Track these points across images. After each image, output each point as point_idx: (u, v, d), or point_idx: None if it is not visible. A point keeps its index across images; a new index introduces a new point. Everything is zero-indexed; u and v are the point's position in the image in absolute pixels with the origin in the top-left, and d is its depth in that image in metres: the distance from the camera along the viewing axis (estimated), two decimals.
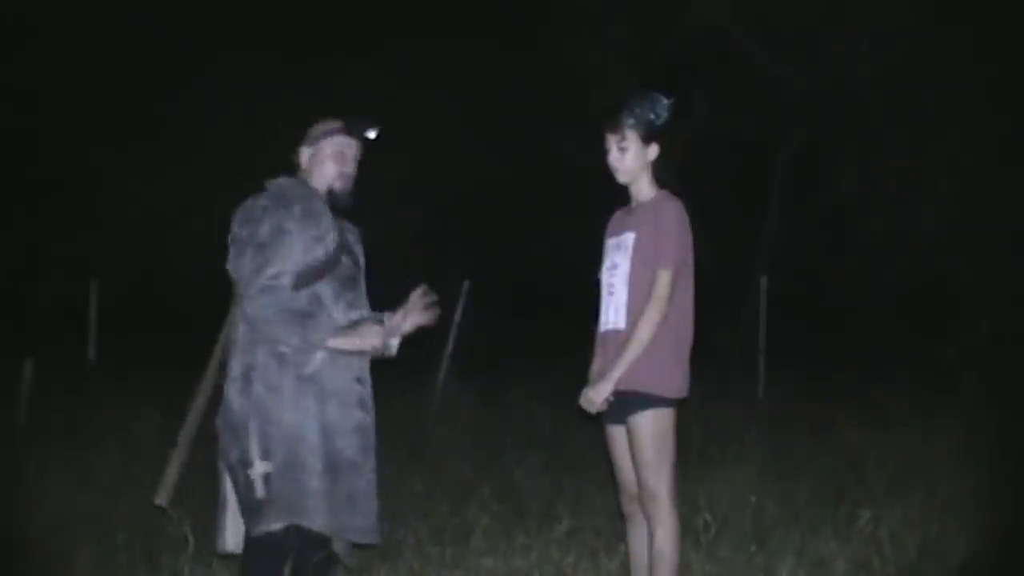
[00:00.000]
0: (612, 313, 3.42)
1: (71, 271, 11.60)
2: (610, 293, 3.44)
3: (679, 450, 3.43)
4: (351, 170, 3.41)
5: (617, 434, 3.44)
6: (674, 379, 3.36)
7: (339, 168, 3.37)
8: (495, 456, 6.24)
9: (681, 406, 3.41)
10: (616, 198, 3.56)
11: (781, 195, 14.24)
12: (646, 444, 3.31)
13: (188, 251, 3.32)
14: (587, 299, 3.63)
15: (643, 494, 3.34)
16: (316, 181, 3.37)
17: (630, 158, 3.42)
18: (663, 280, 3.30)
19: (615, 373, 3.30)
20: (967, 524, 4.46)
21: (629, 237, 3.40)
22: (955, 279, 11.27)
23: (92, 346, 9.44)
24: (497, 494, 5.11)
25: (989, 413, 6.70)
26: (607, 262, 3.49)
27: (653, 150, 3.43)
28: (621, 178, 3.47)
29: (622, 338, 3.34)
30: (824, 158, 13.25)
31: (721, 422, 6.75)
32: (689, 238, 3.38)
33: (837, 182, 12.65)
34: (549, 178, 14.56)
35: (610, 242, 3.51)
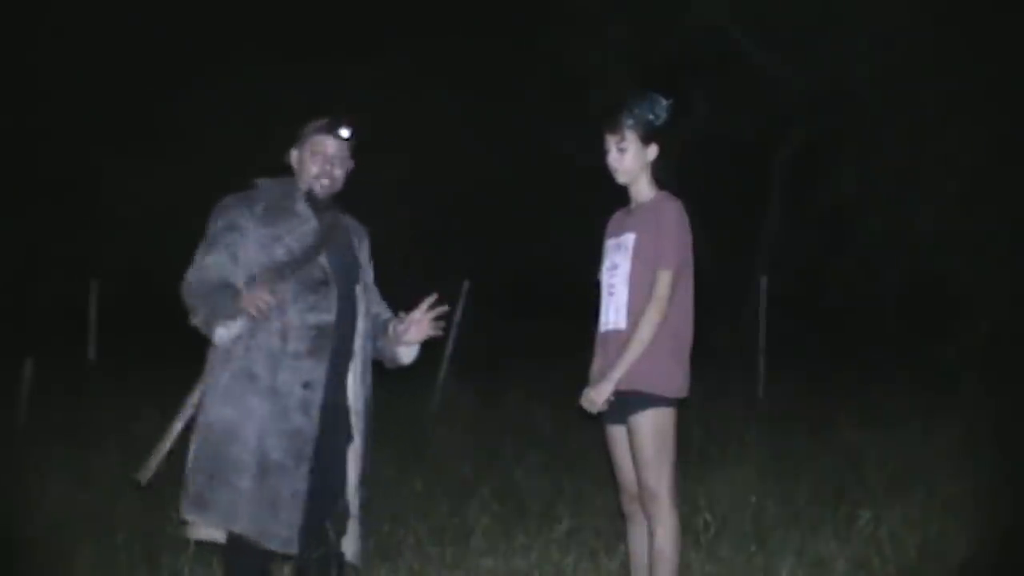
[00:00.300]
0: (612, 313, 3.42)
1: (71, 271, 11.60)
2: (610, 293, 3.44)
3: (679, 450, 3.43)
4: (336, 170, 3.37)
5: (617, 434, 3.44)
6: (674, 379, 3.36)
7: (320, 168, 3.35)
8: (495, 456, 6.24)
9: (681, 406, 3.42)
10: (616, 198, 3.56)
11: (781, 195, 14.24)
12: (646, 444, 3.31)
13: (188, 251, 3.33)
14: (587, 299, 3.64)
15: (643, 494, 3.34)
16: (301, 181, 3.38)
17: (629, 159, 3.43)
18: (663, 280, 3.31)
19: (616, 373, 3.31)
20: (967, 524, 4.46)
21: (629, 238, 3.41)
22: (955, 279, 11.26)
23: (92, 346, 9.46)
24: (497, 494, 5.11)
25: (989, 413, 6.70)
26: (607, 262, 3.50)
27: (652, 150, 3.44)
28: (620, 179, 3.47)
29: (623, 338, 3.34)
30: (823, 158, 13.24)
31: (721, 422, 6.75)
32: (689, 238, 3.39)
33: (836, 182, 12.64)
34: (549, 178, 14.56)
35: (610, 243, 3.51)
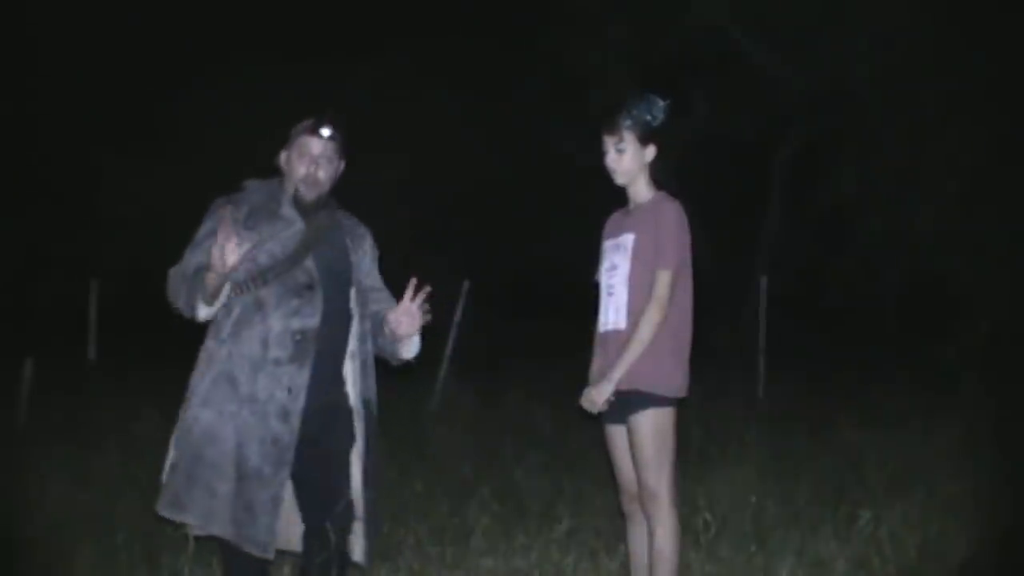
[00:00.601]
0: (612, 313, 3.43)
1: (71, 271, 11.61)
2: (609, 294, 3.45)
3: (679, 450, 3.44)
4: (320, 171, 3.33)
5: (617, 434, 3.44)
6: (674, 378, 3.36)
7: (306, 169, 3.32)
8: (495, 456, 6.24)
9: (681, 406, 3.42)
10: (616, 198, 3.56)
11: (781, 195, 14.25)
12: (646, 443, 3.31)
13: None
14: (587, 299, 3.64)
15: (643, 493, 3.35)
16: (289, 183, 3.36)
17: (627, 159, 3.43)
18: (663, 280, 3.31)
19: (616, 373, 3.31)
20: (967, 524, 4.46)
21: (628, 238, 3.41)
22: (955, 279, 11.26)
23: (92, 346, 9.46)
24: (497, 494, 5.11)
25: (989, 413, 6.70)
26: (606, 263, 3.50)
27: (650, 151, 3.44)
28: (619, 179, 3.48)
29: (623, 338, 3.35)
30: (823, 158, 13.25)
31: (721, 422, 6.75)
32: (688, 239, 3.39)
33: (836, 182, 12.65)
34: (549, 178, 14.56)
35: (608, 243, 3.52)
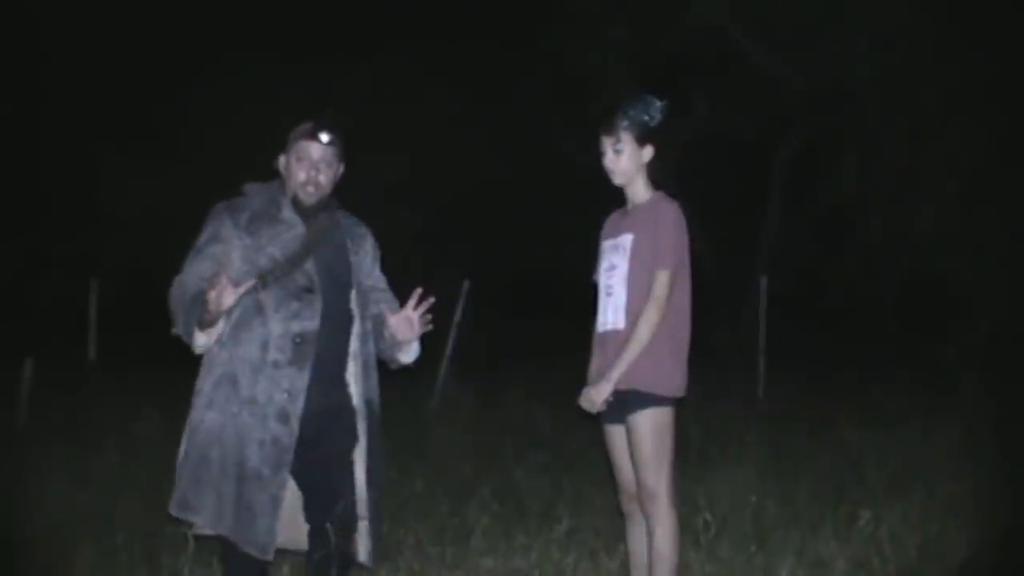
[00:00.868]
0: (611, 313, 3.43)
1: (71, 271, 11.62)
2: (608, 294, 3.45)
3: (679, 450, 3.44)
4: (320, 175, 3.33)
5: (616, 433, 3.45)
6: (673, 378, 3.37)
7: (306, 174, 3.32)
8: (495, 456, 6.23)
9: (681, 406, 3.42)
10: (616, 198, 3.57)
11: (781, 195, 14.25)
12: (645, 443, 3.32)
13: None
14: (587, 299, 3.64)
15: (642, 493, 3.35)
16: (288, 188, 3.36)
17: (625, 160, 3.43)
18: (661, 280, 3.31)
19: (615, 373, 3.31)
20: (967, 524, 4.46)
21: (627, 238, 3.42)
22: (955, 279, 11.28)
23: (92, 346, 9.47)
24: (497, 494, 5.11)
25: (989, 413, 6.70)
26: (604, 263, 3.51)
27: (648, 152, 3.45)
28: (617, 180, 3.48)
29: (621, 338, 3.35)
30: (823, 158, 13.26)
31: (721, 422, 6.75)
32: (686, 239, 3.39)
33: (836, 182, 12.67)
34: (549, 178, 14.56)
35: (606, 244, 3.53)
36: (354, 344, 3.36)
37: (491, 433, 6.90)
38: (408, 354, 3.46)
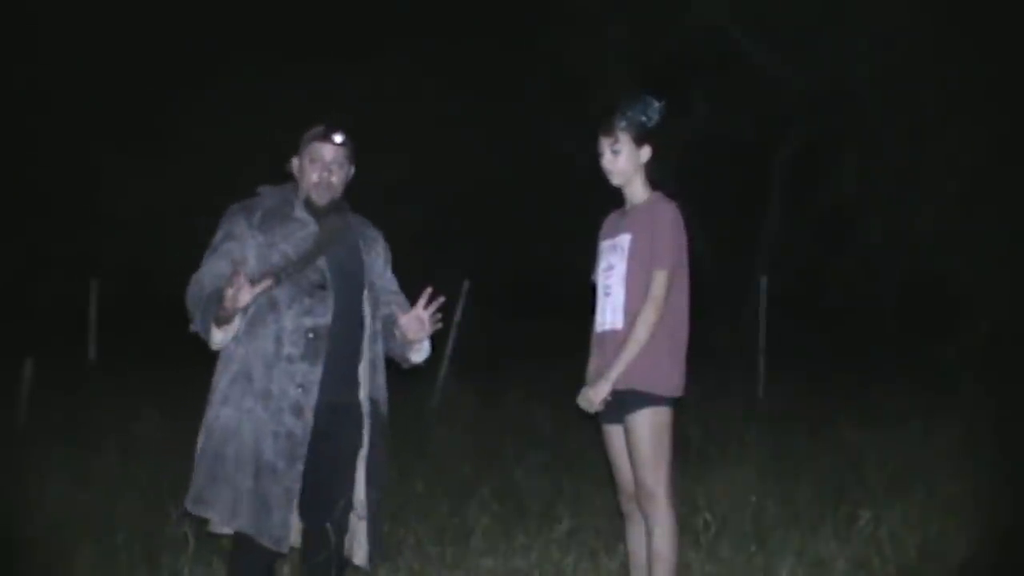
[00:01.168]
0: (609, 314, 3.43)
1: (71, 271, 11.61)
2: (606, 294, 3.45)
3: (678, 450, 3.44)
4: (333, 176, 3.37)
5: (615, 433, 3.45)
6: (671, 378, 3.37)
7: (319, 175, 3.36)
8: (495, 456, 6.24)
9: (680, 406, 3.42)
10: (615, 198, 3.57)
11: (781, 195, 14.25)
12: (643, 443, 3.32)
13: (188, 251, 3.32)
14: (587, 299, 3.64)
15: (640, 493, 3.35)
16: (301, 189, 3.40)
17: (623, 160, 3.44)
18: (659, 280, 3.32)
19: (614, 372, 3.32)
20: (967, 524, 4.46)
21: (625, 239, 3.42)
22: (955, 279, 11.28)
23: (92, 346, 9.46)
24: (497, 494, 5.11)
25: (989, 413, 6.70)
26: (602, 263, 3.51)
27: (646, 152, 3.45)
28: (615, 180, 3.48)
29: (620, 338, 3.35)
30: (823, 158, 13.26)
31: (721, 422, 6.75)
32: (684, 239, 3.40)
33: (836, 182, 12.67)
34: (549, 178, 14.57)
35: (605, 244, 3.53)
36: (364, 342, 3.39)
37: (491, 433, 6.90)
38: (419, 353, 3.49)
